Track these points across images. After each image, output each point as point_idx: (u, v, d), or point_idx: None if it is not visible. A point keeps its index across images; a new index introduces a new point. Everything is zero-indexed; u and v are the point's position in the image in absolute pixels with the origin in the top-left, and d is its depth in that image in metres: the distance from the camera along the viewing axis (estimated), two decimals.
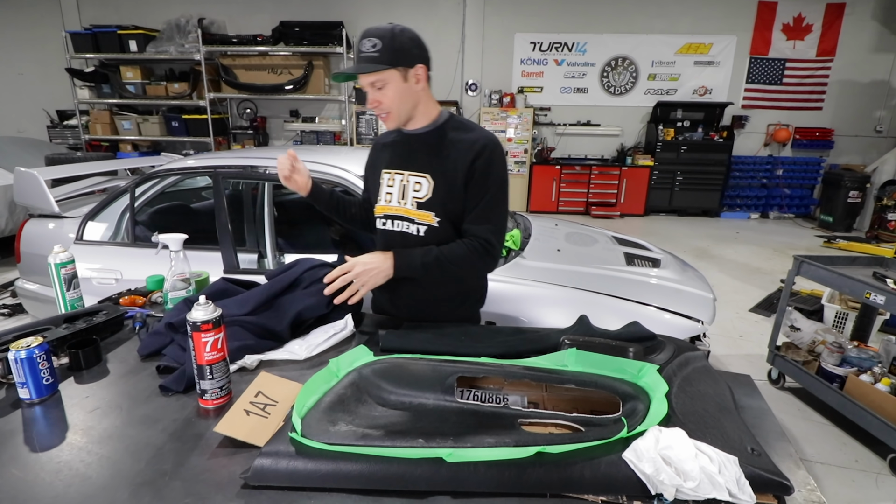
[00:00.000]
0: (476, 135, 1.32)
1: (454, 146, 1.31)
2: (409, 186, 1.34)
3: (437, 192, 1.31)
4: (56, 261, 1.33)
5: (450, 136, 1.33)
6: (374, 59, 1.20)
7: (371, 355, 1.09)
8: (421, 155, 1.34)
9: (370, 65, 1.21)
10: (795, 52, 7.47)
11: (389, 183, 1.39)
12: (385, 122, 1.32)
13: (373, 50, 1.21)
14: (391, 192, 1.38)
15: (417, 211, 1.33)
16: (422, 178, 1.32)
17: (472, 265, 1.31)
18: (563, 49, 7.58)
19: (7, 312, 3.82)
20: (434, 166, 1.31)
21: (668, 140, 7.37)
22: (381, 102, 1.26)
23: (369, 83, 1.25)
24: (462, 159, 1.28)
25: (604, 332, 1.16)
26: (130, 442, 0.89)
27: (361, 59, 1.22)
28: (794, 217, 7.82)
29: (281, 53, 7.16)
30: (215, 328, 0.96)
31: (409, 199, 1.34)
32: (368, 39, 1.21)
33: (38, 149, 6.50)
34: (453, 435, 0.83)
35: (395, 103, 1.27)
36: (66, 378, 1.11)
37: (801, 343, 2.93)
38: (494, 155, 1.30)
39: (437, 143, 1.33)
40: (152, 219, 2.81)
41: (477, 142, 1.29)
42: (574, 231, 3.13)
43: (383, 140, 1.49)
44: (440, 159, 1.31)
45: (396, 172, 1.37)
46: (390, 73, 1.23)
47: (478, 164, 1.28)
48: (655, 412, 0.86)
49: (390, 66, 1.22)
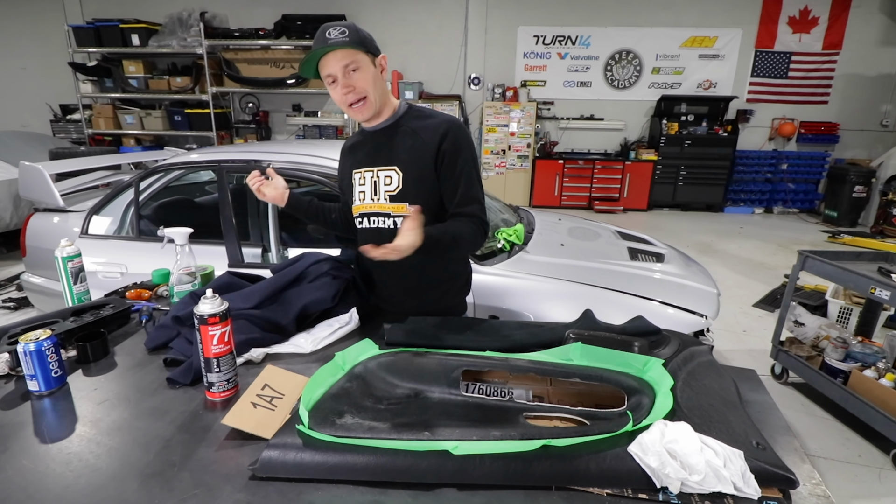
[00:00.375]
0: (438, 119, 1.32)
1: (418, 134, 1.31)
2: (380, 182, 1.34)
3: (407, 182, 1.31)
4: (63, 254, 1.34)
5: (412, 125, 1.33)
6: (347, 42, 1.19)
7: (376, 349, 1.09)
8: (386, 149, 1.34)
9: (349, 42, 1.18)
10: (801, 46, 7.41)
11: (361, 182, 1.39)
12: (360, 110, 1.28)
13: (341, 36, 1.19)
14: (363, 191, 1.38)
15: (391, 204, 1.34)
16: (390, 171, 1.33)
17: (473, 241, 1.31)
18: (566, 42, 7.53)
19: (13, 306, 3.84)
20: (401, 158, 1.32)
21: (671, 134, 7.33)
22: (356, 87, 1.23)
23: (342, 66, 1.21)
24: (428, 145, 1.29)
25: (608, 327, 1.16)
26: (139, 434, 0.90)
27: (331, 42, 1.19)
28: (799, 212, 7.78)
29: (283, 47, 7.14)
30: (222, 321, 0.96)
31: (382, 193, 1.34)
32: (334, 28, 1.19)
33: (41, 143, 6.52)
34: (459, 428, 0.83)
35: (369, 87, 1.25)
36: (75, 370, 1.12)
37: (804, 338, 2.92)
38: (460, 134, 1.30)
39: (401, 135, 1.33)
40: (157, 213, 2.82)
41: (440, 125, 1.30)
42: (577, 226, 3.12)
43: (348, 144, 1.49)
44: (406, 149, 1.31)
45: (366, 170, 1.38)
46: (363, 55, 1.22)
47: (445, 147, 1.28)
48: (661, 406, 0.87)
49: (363, 49, 1.21)
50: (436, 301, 1.47)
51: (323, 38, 1.20)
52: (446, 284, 1.49)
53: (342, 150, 1.51)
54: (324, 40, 1.19)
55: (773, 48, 7.44)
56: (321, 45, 1.19)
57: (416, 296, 1.44)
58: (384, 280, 1.46)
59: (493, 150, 7.47)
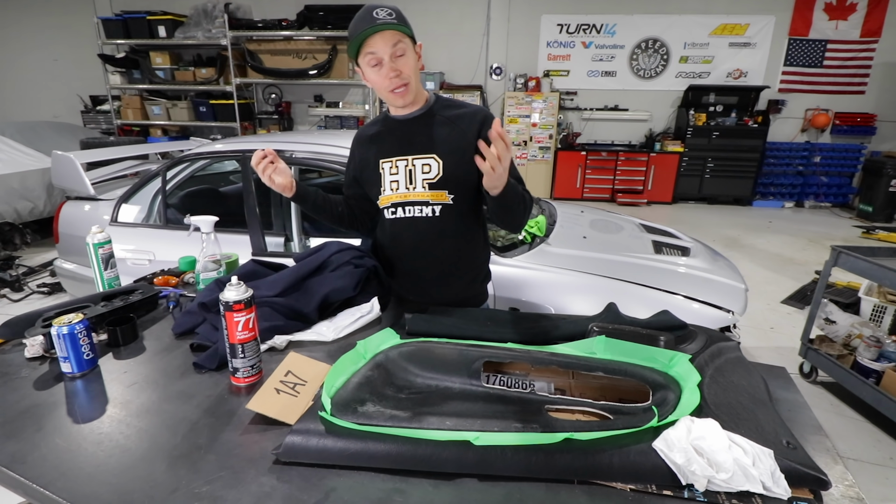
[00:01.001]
0: (471, 109, 1.35)
1: (455, 122, 1.32)
2: (417, 170, 1.33)
3: (447, 169, 1.31)
4: (94, 241, 1.38)
5: (445, 114, 1.34)
6: (396, 25, 1.17)
7: (397, 338, 1.09)
8: (422, 137, 1.33)
9: (398, 24, 1.16)
10: (838, 33, 7.11)
11: (392, 171, 1.36)
12: (402, 95, 1.26)
13: (390, 17, 1.17)
14: (396, 180, 1.35)
15: (430, 192, 1.33)
16: (429, 158, 1.32)
17: (527, 211, 1.31)
18: (591, 31, 7.38)
19: (47, 290, 3.98)
20: (440, 145, 1.31)
21: (699, 125, 7.14)
22: (402, 72, 1.21)
23: (390, 48, 1.18)
24: (467, 133, 1.30)
25: (633, 321, 1.14)
26: (167, 416, 0.92)
27: (380, 24, 1.16)
28: (831, 206, 7.52)
29: (305, 38, 7.16)
30: (247, 308, 0.98)
31: (419, 182, 1.33)
32: (382, 9, 1.17)
33: (72, 133, 6.72)
34: (480, 419, 0.83)
35: (412, 74, 1.24)
36: (106, 353, 1.15)
37: (835, 336, 2.83)
38: (493, 118, 1.31)
39: (437, 123, 1.33)
40: (182, 202, 2.88)
41: (476, 114, 1.33)
42: (600, 218, 3.08)
43: (368, 133, 1.44)
44: (444, 138, 1.31)
45: (398, 159, 1.35)
46: (408, 41, 1.21)
47: (485, 134, 1.26)
48: (687, 402, 0.85)
49: (409, 32, 1.20)
50: (462, 290, 1.47)
51: (370, 17, 1.17)
52: (472, 273, 1.49)
53: (358, 139, 1.47)
54: (371, 19, 1.16)
55: (808, 36, 7.16)
56: (370, 24, 1.16)
57: (443, 285, 1.43)
58: (415, 268, 1.44)
59: (514, 141, 7.40)
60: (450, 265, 1.42)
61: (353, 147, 1.48)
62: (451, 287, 1.44)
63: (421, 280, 1.45)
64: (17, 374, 1.06)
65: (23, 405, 0.95)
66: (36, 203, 5.09)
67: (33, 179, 5.04)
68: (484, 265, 1.54)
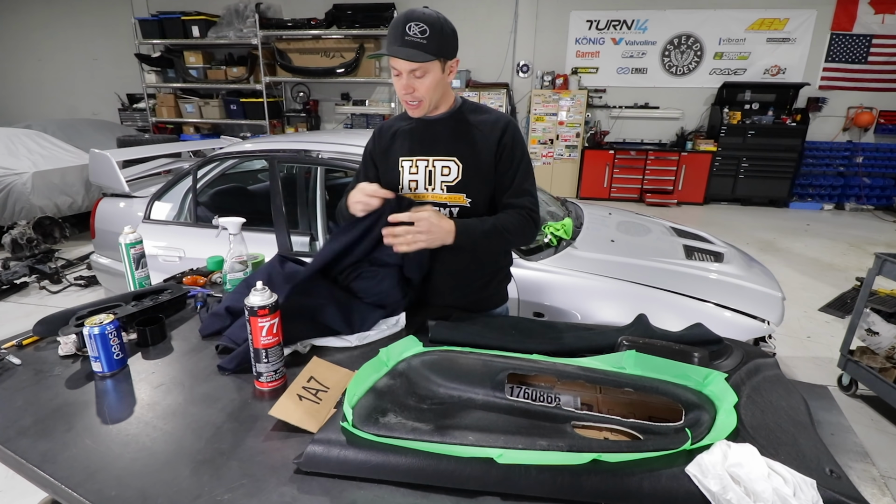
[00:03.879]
0: (495, 115, 1.36)
1: (477, 128, 1.33)
2: (437, 171, 1.34)
3: (466, 173, 1.32)
4: (126, 241, 1.41)
5: (469, 119, 1.35)
6: (423, 46, 1.17)
7: (420, 346, 1.08)
8: (444, 139, 1.34)
9: (421, 54, 1.17)
10: (884, 28, 6.76)
11: (412, 170, 1.36)
12: (413, 109, 1.29)
13: (421, 37, 1.17)
14: (415, 179, 1.36)
15: (448, 194, 1.34)
16: (449, 161, 1.33)
17: (522, 234, 1.33)
18: (621, 27, 7.21)
19: (83, 283, 4.13)
20: (461, 149, 1.32)
21: (733, 124, 6.90)
22: (417, 90, 1.24)
23: (409, 69, 1.20)
24: (488, 139, 1.31)
25: (665, 334, 1.09)
26: (192, 419, 0.93)
27: (408, 43, 1.17)
28: (874, 209, 7.18)
29: (333, 37, 7.23)
30: (271, 313, 0.98)
31: (438, 183, 1.34)
32: (416, 24, 1.17)
33: (110, 130, 6.96)
34: (504, 434, 0.81)
35: (428, 93, 1.25)
36: (135, 353, 1.17)
37: (878, 348, 2.69)
38: (517, 132, 1.35)
39: (459, 127, 1.34)
40: (212, 200, 2.93)
41: (499, 121, 1.34)
42: (629, 220, 3.00)
43: (394, 127, 1.44)
44: (466, 142, 1.32)
45: (419, 159, 1.35)
46: (434, 63, 1.21)
47: (505, 141, 1.31)
48: (722, 424, 0.81)
49: (436, 57, 1.20)
50: (478, 291, 1.46)
51: (401, 32, 1.17)
52: (489, 276, 1.47)
53: (380, 132, 1.46)
54: (400, 37, 1.17)
55: (852, 31, 6.83)
56: (398, 43, 1.17)
57: (460, 287, 1.43)
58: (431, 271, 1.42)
59: (540, 139, 7.30)
60: (466, 268, 1.41)
61: (374, 139, 1.47)
62: (468, 289, 1.43)
63: (437, 282, 1.43)
64: (50, 372, 1.09)
65: (55, 403, 0.98)
66: (75, 198, 5.29)
67: (73, 175, 5.24)
68: (503, 268, 1.53)
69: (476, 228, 1.27)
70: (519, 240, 1.34)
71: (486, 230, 1.27)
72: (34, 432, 0.89)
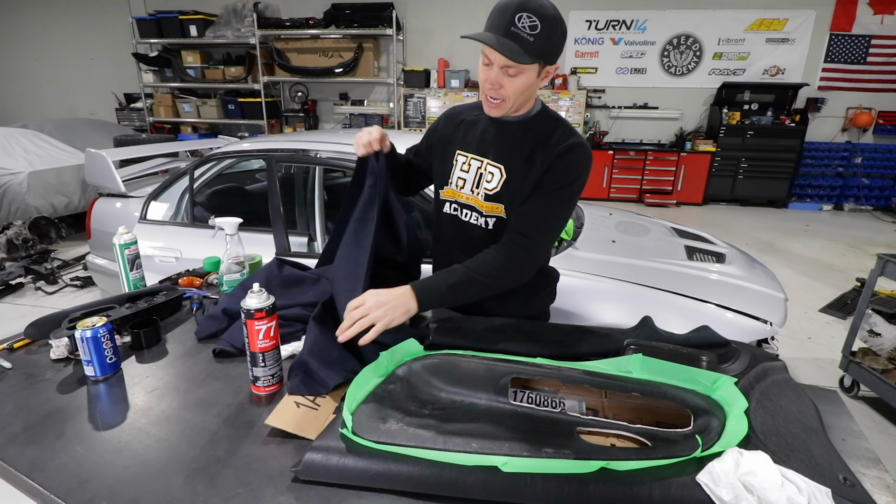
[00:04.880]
0: (567, 136, 1.18)
1: (542, 144, 1.18)
2: (485, 176, 1.23)
3: (506, 185, 1.20)
4: (120, 241, 1.38)
5: (540, 130, 1.20)
6: (528, 44, 1.03)
7: (421, 349, 1.05)
8: (502, 143, 1.21)
9: (523, 53, 1.03)
10: (883, 28, 6.76)
11: (464, 168, 1.26)
12: (492, 108, 1.15)
13: (530, 32, 1.02)
14: (465, 178, 1.26)
15: (486, 203, 1.23)
16: (496, 167, 1.21)
17: (507, 275, 1.16)
18: (620, 27, 7.20)
19: (79, 284, 4.09)
20: (512, 158, 1.19)
21: (732, 124, 6.89)
22: (503, 88, 1.10)
23: (503, 63, 1.06)
24: (546, 159, 1.16)
25: (671, 337, 1.07)
26: (186, 425, 0.90)
27: (512, 35, 1.02)
28: (872, 209, 7.17)
29: (332, 36, 7.20)
30: (268, 316, 0.95)
31: (482, 189, 1.24)
32: (529, 16, 1.01)
33: (107, 130, 6.91)
34: (508, 441, 0.78)
35: (515, 94, 1.11)
36: (129, 356, 1.14)
37: (880, 350, 2.68)
38: (579, 160, 1.16)
39: (526, 136, 1.20)
40: (209, 200, 2.90)
41: (566, 142, 1.16)
42: (629, 221, 2.98)
43: (463, 115, 1.32)
44: (521, 152, 1.19)
45: (474, 158, 1.25)
46: (534, 66, 1.08)
47: (557, 164, 1.15)
48: (733, 431, 0.78)
49: (538, 60, 1.07)
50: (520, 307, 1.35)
51: (509, 21, 1.02)
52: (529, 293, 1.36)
53: (449, 116, 1.35)
54: (505, 26, 1.02)
55: (851, 31, 6.83)
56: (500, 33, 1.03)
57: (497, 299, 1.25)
58: None
59: None
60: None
61: (441, 121, 1.36)
62: (506, 303, 1.30)
63: None
64: (42, 376, 1.06)
65: (46, 408, 0.95)
66: (71, 198, 5.25)
67: (69, 175, 5.20)
68: (543, 287, 1.41)
69: (440, 285, 1.12)
70: (504, 282, 1.16)
71: (453, 283, 1.11)
72: (24, 439, 0.87)
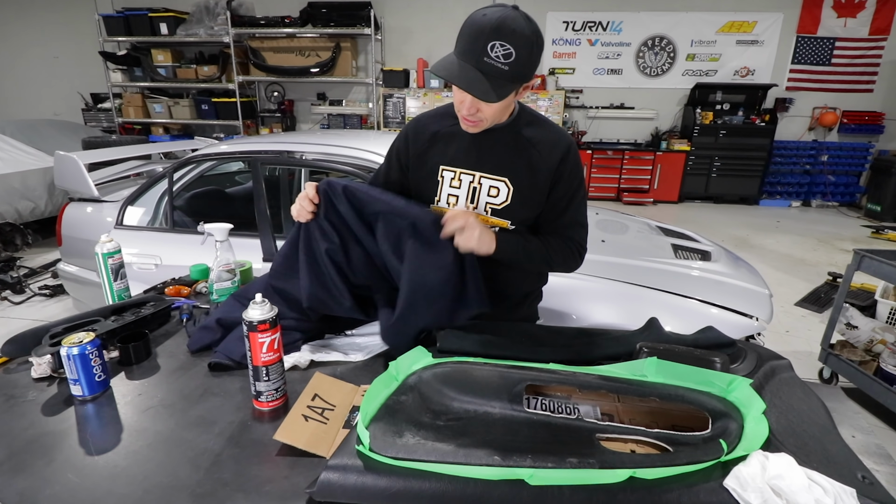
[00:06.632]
0: (555, 134, 1.19)
1: (535, 147, 1.16)
2: (483, 191, 1.18)
3: (516, 198, 1.17)
4: (104, 251, 1.30)
5: (527, 133, 1.17)
6: (502, 74, 0.98)
7: (429, 357, 1.02)
8: (496, 155, 1.17)
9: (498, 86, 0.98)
10: (846, 31, 7.04)
11: (454, 183, 1.20)
12: (469, 127, 1.11)
13: (504, 62, 0.96)
14: (455, 195, 1.20)
15: (493, 218, 1.20)
16: (499, 182, 1.17)
17: (565, 264, 1.25)
18: (597, 28, 7.29)
19: (49, 293, 3.91)
20: (515, 170, 1.16)
21: (706, 124, 7.07)
22: (480, 111, 1.06)
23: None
24: (546, 162, 1.15)
25: (679, 338, 1.07)
26: (187, 447, 0.85)
27: (486, 67, 0.97)
28: (839, 206, 7.46)
29: (308, 35, 7.08)
30: (272, 328, 0.91)
31: (483, 204, 1.19)
32: (502, 44, 0.95)
33: (74, 132, 6.63)
34: (530, 452, 0.76)
35: (494, 116, 1.09)
36: (117, 373, 1.08)
37: (857, 342, 2.77)
38: (577, 157, 1.20)
39: (515, 143, 1.16)
40: (189, 204, 2.81)
41: (559, 142, 1.17)
42: (615, 220, 3.01)
43: (433, 127, 1.22)
44: (520, 162, 1.16)
45: (464, 172, 1.18)
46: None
47: (563, 169, 1.16)
48: (753, 433, 0.78)
49: (515, 85, 1.03)
50: (515, 308, 1.37)
51: (481, 50, 0.96)
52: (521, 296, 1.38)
53: (417, 129, 1.25)
54: (477, 56, 0.97)
55: (816, 33, 7.09)
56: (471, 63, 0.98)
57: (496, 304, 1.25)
58: None
59: None
60: (499, 286, 1.27)
61: (406, 139, 1.26)
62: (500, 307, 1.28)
63: None
64: (23, 397, 0.99)
65: (31, 433, 0.88)
66: (37, 203, 5.01)
67: (34, 179, 4.96)
68: (538, 289, 1.45)
69: (519, 242, 1.16)
70: (559, 269, 1.27)
71: (530, 249, 1.17)
72: (9, 468, 0.80)
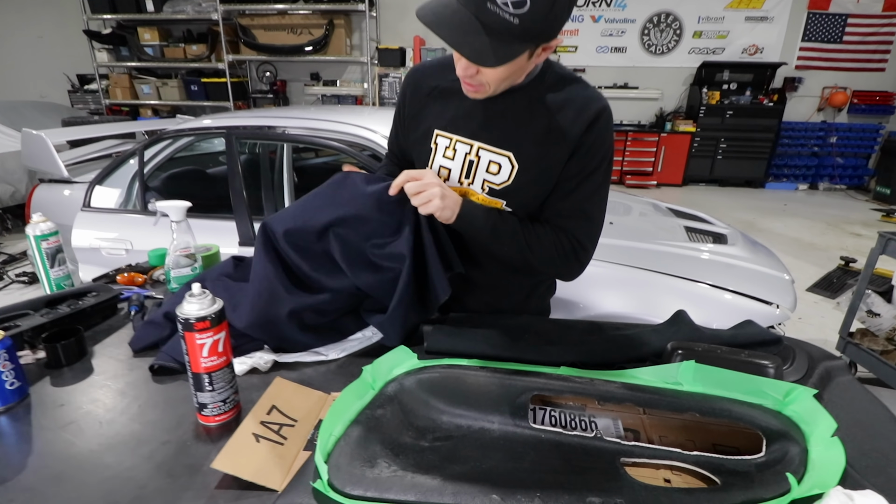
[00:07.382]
0: (586, 93, 0.92)
1: (554, 114, 0.91)
2: (481, 164, 0.96)
3: (520, 178, 0.94)
4: (35, 232, 1.11)
5: (548, 98, 0.91)
6: (510, 30, 0.74)
7: (415, 359, 0.85)
8: (504, 123, 0.93)
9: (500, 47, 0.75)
10: (859, 7, 6.76)
11: (447, 153, 0.98)
12: (472, 92, 0.89)
13: (514, 11, 0.72)
14: (447, 166, 0.99)
15: (488, 198, 0.97)
16: (502, 157, 0.94)
17: (552, 264, 0.96)
18: (600, 4, 7.00)
19: (26, 280, 3.73)
20: (523, 143, 0.93)
21: (712, 104, 6.82)
22: (480, 74, 0.84)
23: None
24: (567, 133, 0.90)
25: (715, 335, 0.89)
26: (105, 477, 0.67)
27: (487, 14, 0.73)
28: (846, 188, 7.26)
29: (301, 12, 6.79)
30: (214, 326, 0.73)
31: (479, 181, 0.97)
32: None
33: (58, 113, 6.37)
34: (539, 486, 0.59)
35: (497, 81, 0.85)
36: (42, 378, 0.90)
37: (878, 330, 2.61)
38: (608, 125, 0.92)
39: (530, 109, 0.92)
40: (165, 184, 2.61)
41: (588, 105, 0.90)
42: (623, 202, 2.82)
43: (437, 81, 1.00)
44: (535, 135, 0.92)
45: (460, 140, 0.97)
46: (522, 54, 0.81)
47: (587, 140, 0.90)
48: (823, 461, 0.61)
49: (527, 46, 0.79)
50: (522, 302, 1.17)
51: None
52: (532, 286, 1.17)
53: (416, 79, 1.04)
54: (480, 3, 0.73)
55: (828, 10, 6.81)
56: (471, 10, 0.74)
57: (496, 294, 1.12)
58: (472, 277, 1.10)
59: None
60: (502, 275, 1.09)
61: (407, 92, 1.06)
62: (506, 296, 1.13)
63: (469, 284, 1.10)
64: None
65: None
66: (17, 187, 4.81)
67: (14, 162, 4.75)
68: (546, 279, 1.21)
69: (486, 222, 0.93)
70: (543, 268, 0.98)
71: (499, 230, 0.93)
72: None
